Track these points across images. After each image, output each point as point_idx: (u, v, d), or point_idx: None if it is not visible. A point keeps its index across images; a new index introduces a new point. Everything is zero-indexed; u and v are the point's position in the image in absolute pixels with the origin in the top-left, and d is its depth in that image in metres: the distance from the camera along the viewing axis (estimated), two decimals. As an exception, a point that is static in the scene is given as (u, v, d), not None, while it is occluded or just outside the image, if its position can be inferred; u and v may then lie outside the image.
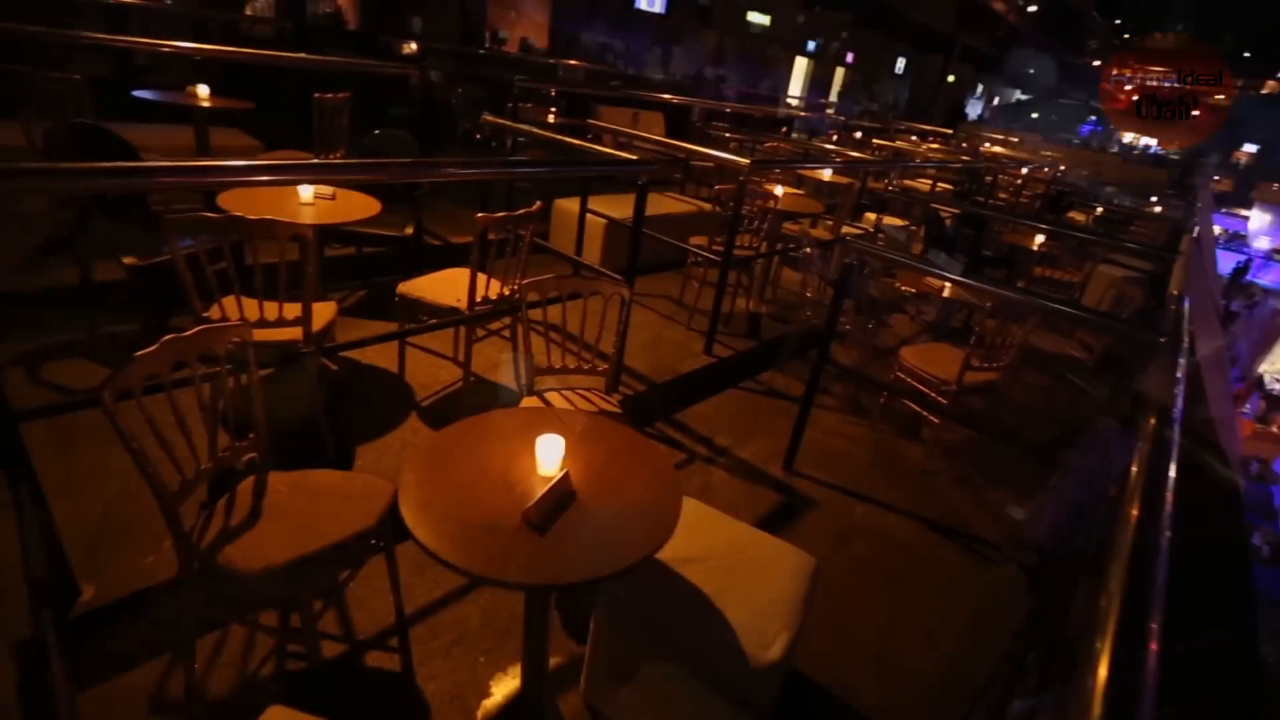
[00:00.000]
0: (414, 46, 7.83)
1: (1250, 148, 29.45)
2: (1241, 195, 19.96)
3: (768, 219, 3.68)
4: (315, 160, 3.16)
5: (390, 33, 9.11)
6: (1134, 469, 1.18)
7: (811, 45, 16.80)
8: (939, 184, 7.87)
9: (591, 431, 1.53)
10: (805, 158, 5.64)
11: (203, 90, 3.83)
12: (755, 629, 1.48)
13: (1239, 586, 2.23)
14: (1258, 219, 19.14)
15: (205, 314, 2.03)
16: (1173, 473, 1.17)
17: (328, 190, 2.75)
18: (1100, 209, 8.73)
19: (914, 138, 10.85)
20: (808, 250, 4.05)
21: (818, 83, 17.45)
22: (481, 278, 2.58)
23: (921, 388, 3.09)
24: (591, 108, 7.67)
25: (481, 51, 10.57)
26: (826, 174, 5.13)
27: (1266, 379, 13.61)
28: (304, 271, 2.03)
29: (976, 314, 2.95)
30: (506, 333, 3.08)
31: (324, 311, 2.32)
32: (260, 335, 2.04)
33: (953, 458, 3.25)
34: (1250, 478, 9.81)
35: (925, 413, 3.22)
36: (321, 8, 9.61)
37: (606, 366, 2.31)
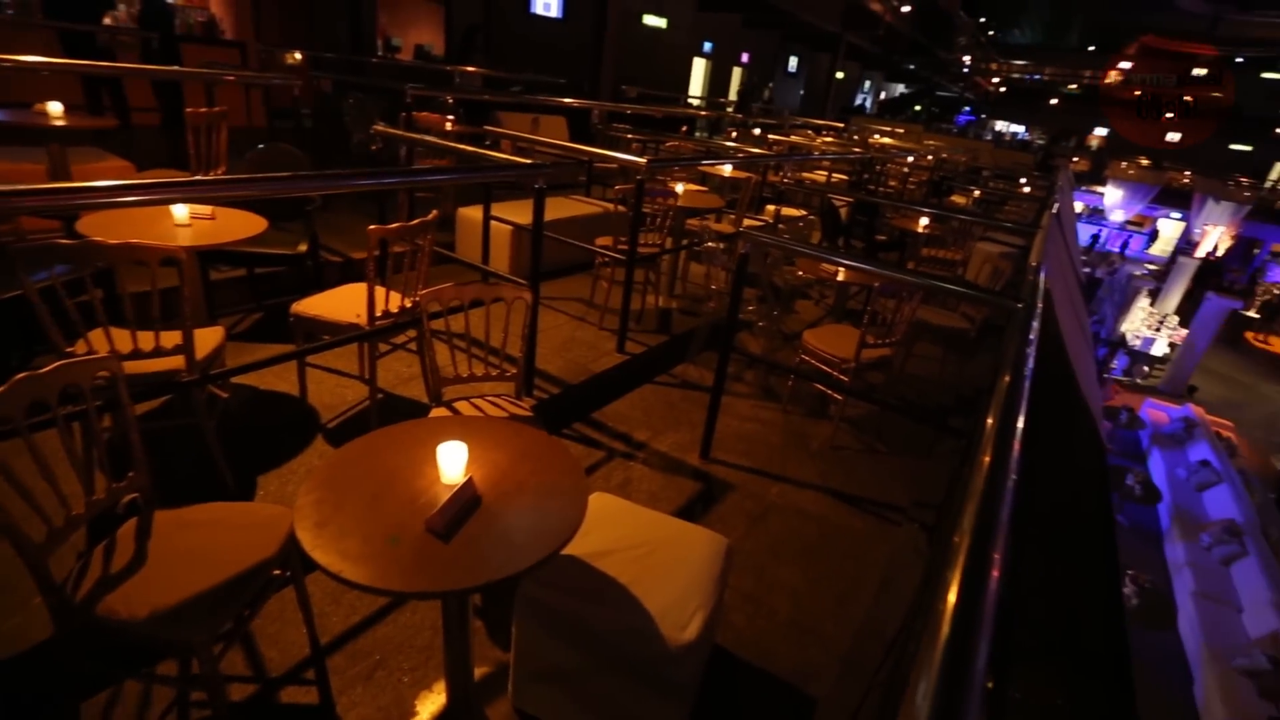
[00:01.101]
0: (298, 56, 7.46)
1: (1101, 131, 32.87)
2: (1096, 174, 22.28)
3: (669, 216, 3.78)
4: (188, 178, 2.96)
5: (272, 42, 8.63)
6: (989, 421, 1.31)
7: (708, 46, 17.25)
8: (834, 175, 8.30)
9: (495, 436, 1.54)
10: (707, 155, 5.80)
11: (55, 108, 3.50)
12: (672, 612, 1.53)
13: (1101, 520, 2.51)
14: (1111, 195, 21.42)
15: (70, 349, 1.87)
16: (1021, 423, 1.31)
17: (206, 210, 2.59)
18: (978, 191, 9.50)
19: (809, 132, 11.37)
20: (710, 244, 4.18)
21: (717, 82, 17.94)
22: (381, 291, 2.52)
23: (825, 368, 3.27)
24: (491, 114, 7.57)
25: (374, 60, 10.19)
26: (726, 170, 5.31)
27: (1128, 336, 15.22)
28: (182, 296, 1.91)
29: (874, 295, 3.15)
30: (412, 346, 3.01)
31: (209, 337, 2.19)
32: (136, 367, 1.91)
33: (858, 431, 3.45)
34: (1121, 425, 10.95)
35: (830, 391, 3.40)
36: (193, 17, 8.98)
37: (516, 371, 2.31)
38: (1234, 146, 29.39)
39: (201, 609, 1.33)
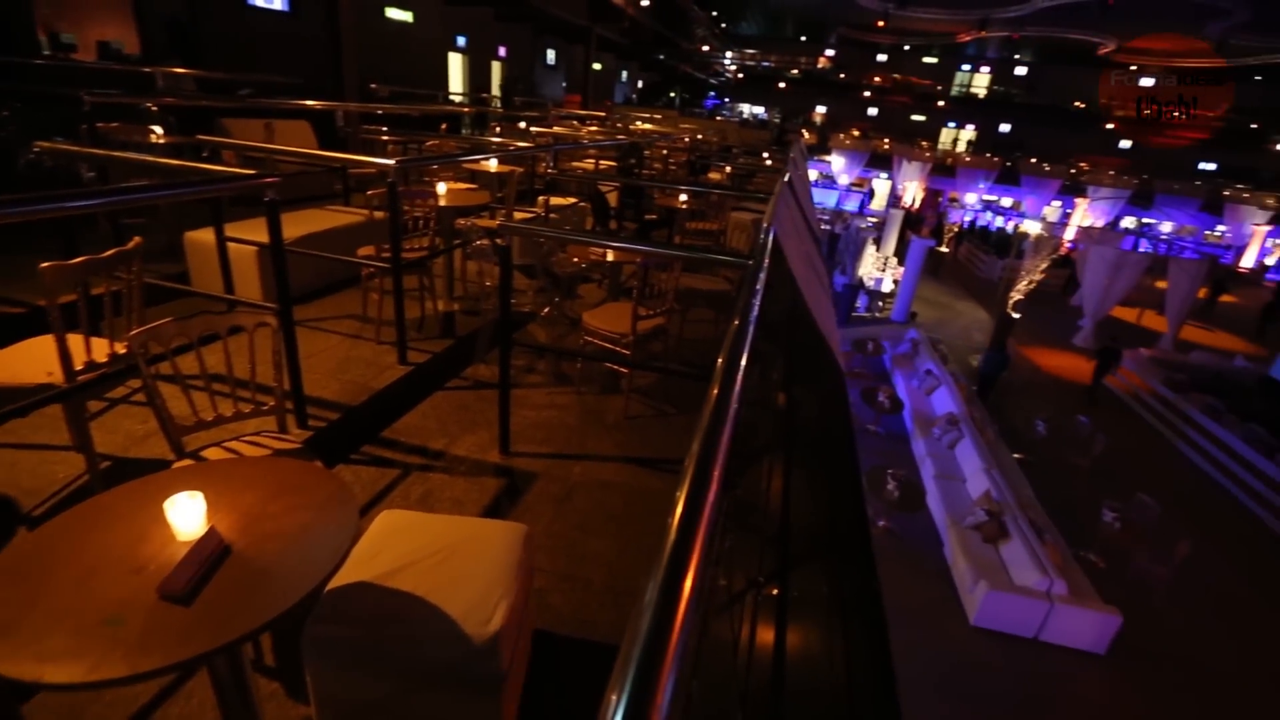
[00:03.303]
0: (-90, 59, 5.78)
1: (821, 109, 38.49)
2: (823, 145, 26.13)
3: (433, 217, 3.65)
4: None
5: None
6: (720, 360, 1.50)
7: (462, 40, 16.76)
8: (602, 162, 8.63)
9: (243, 477, 1.40)
10: (471, 151, 5.67)
11: None
12: (476, 609, 1.53)
13: (844, 433, 3.02)
14: (836, 162, 25.29)
15: None
16: (744, 361, 1.52)
17: None
18: (729, 168, 10.55)
19: (574, 122, 11.67)
20: (480, 242, 4.13)
21: (477, 78, 17.53)
22: (78, 340, 2.11)
23: (608, 345, 3.44)
24: (215, 122, 6.61)
25: (40, 61, 8.26)
26: (492, 165, 5.25)
27: (865, 279, 18.18)
28: None
29: (647, 270, 3.36)
30: (140, 396, 2.57)
31: None
32: None
33: (648, 399, 3.70)
34: (869, 354, 13.08)
35: (617, 367, 3.59)
36: None
37: (275, 403, 2.10)
38: (914, 117, 36.33)
39: None
